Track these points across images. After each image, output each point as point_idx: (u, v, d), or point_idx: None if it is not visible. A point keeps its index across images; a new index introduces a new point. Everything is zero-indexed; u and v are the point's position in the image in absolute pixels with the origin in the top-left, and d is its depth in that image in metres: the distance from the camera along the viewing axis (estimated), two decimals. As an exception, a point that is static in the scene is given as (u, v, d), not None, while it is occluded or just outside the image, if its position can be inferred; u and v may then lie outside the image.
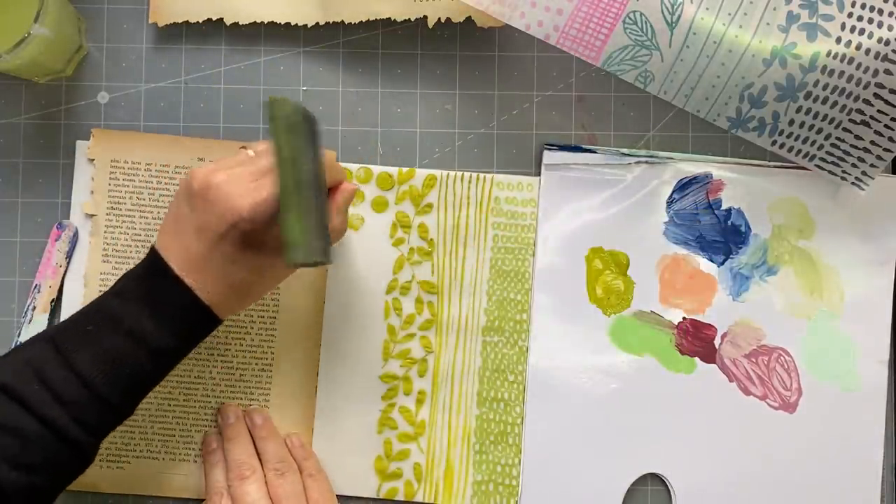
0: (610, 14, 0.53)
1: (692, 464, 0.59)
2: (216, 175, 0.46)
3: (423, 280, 0.59)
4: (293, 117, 0.45)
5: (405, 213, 0.59)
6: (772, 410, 0.59)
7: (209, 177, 0.46)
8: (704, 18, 0.54)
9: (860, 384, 0.59)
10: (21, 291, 0.59)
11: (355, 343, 0.59)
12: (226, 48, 0.60)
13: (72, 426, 0.45)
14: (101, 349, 0.46)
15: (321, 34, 0.60)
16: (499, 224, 0.59)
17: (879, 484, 0.59)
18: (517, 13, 0.53)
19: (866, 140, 0.57)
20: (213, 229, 0.46)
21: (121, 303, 0.47)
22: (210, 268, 0.46)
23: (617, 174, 0.60)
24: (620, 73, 0.55)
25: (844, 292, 0.60)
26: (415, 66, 0.60)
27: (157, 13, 0.58)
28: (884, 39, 0.54)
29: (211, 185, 0.46)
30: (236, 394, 0.58)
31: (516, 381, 0.59)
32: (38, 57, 0.53)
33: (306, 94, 0.60)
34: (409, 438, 0.59)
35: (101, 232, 0.58)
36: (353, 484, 0.58)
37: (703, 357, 0.59)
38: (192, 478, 0.58)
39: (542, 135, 0.60)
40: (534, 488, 0.58)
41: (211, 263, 0.46)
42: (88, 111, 0.59)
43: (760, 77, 0.55)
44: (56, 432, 0.44)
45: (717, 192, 0.60)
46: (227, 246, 0.46)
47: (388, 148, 0.60)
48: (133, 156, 0.59)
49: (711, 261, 0.60)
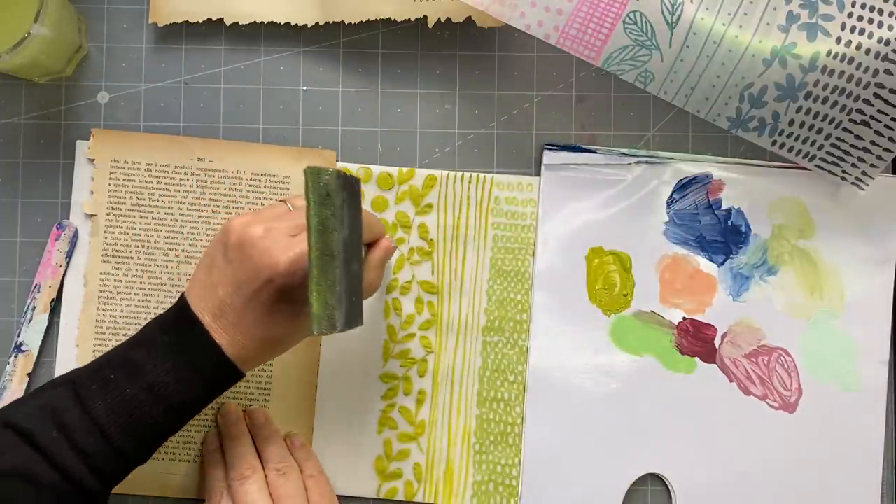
0: (610, 14, 0.53)
1: (692, 464, 0.59)
2: (254, 228, 0.46)
3: (423, 280, 0.59)
4: (328, 188, 0.44)
5: (405, 213, 0.59)
6: (772, 410, 0.59)
7: (246, 230, 0.46)
8: (704, 18, 0.54)
9: (860, 384, 0.59)
10: (21, 291, 0.59)
11: (355, 343, 0.59)
12: (226, 48, 0.60)
13: (87, 476, 0.44)
14: (120, 400, 0.45)
15: (321, 34, 0.60)
16: (499, 224, 0.59)
17: (879, 484, 0.59)
18: (517, 13, 0.53)
19: (866, 140, 0.57)
20: (249, 283, 0.45)
21: (145, 354, 0.46)
22: (243, 321, 0.46)
23: (617, 174, 0.60)
24: (620, 73, 0.55)
25: (844, 292, 0.60)
26: (415, 66, 0.60)
27: (157, 13, 0.58)
28: (884, 39, 0.54)
29: (248, 239, 0.46)
30: (236, 394, 0.58)
31: (516, 381, 0.59)
32: (38, 57, 0.53)
33: (306, 93, 0.60)
34: (409, 438, 0.59)
35: (101, 232, 0.58)
36: (353, 484, 0.58)
37: (703, 357, 0.59)
38: (192, 478, 0.58)
39: (542, 135, 0.60)
40: (534, 488, 0.58)
41: (244, 317, 0.46)
42: (88, 111, 0.59)
43: (760, 77, 0.55)
44: (71, 481, 0.44)
45: (717, 192, 0.60)
46: (262, 300, 0.46)
47: (388, 148, 0.60)
48: (133, 156, 0.59)
49: (711, 261, 0.60)
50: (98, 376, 0.46)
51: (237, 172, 0.59)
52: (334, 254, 0.44)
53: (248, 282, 0.45)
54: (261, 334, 0.47)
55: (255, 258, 0.45)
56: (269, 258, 0.45)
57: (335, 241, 0.44)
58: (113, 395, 0.45)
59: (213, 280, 0.47)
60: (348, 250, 0.45)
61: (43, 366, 0.58)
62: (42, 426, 0.44)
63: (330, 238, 0.44)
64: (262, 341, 0.47)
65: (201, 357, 0.46)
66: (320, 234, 0.43)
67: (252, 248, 0.45)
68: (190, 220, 0.58)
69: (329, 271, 0.43)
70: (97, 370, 0.47)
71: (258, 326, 0.46)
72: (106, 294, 0.58)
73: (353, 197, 0.47)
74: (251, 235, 0.46)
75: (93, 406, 0.45)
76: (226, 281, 0.46)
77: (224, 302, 0.46)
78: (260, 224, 0.46)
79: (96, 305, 0.58)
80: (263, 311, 0.46)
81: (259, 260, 0.45)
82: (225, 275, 0.46)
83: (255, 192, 0.59)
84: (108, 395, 0.45)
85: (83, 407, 0.45)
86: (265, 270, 0.45)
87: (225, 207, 0.58)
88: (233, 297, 0.46)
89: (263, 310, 0.46)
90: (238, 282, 0.46)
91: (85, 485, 0.44)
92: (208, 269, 0.47)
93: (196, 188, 0.58)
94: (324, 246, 0.43)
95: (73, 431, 0.44)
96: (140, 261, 0.58)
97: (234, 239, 0.46)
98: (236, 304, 0.46)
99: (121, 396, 0.45)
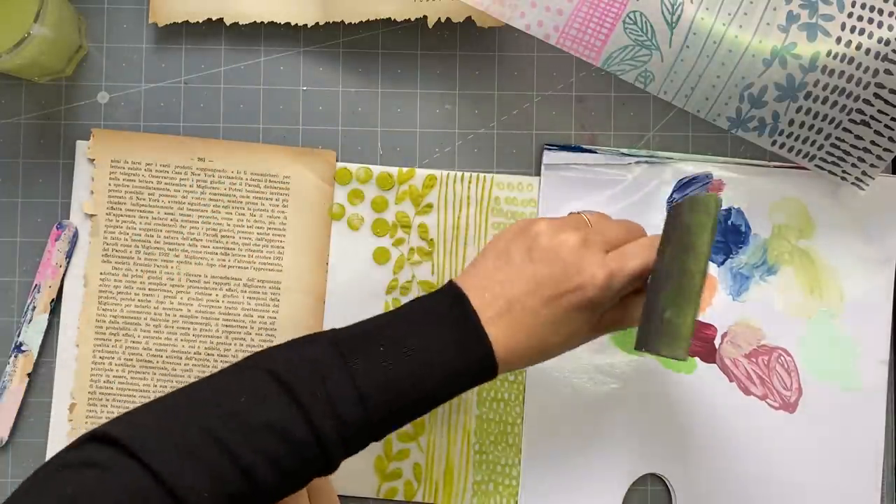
0: (610, 14, 0.53)
1: (692, 464, 0.59)
2: (570, 235, 0.46)
3: (423, 280, 0.59)
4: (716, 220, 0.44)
5: (405, 213, 0.59)
6: (772, 410, 0.59)
7: (561, 234, 0.46)
8: (704, 18, 0.54)
9: (860, 384, 0.59)
10: (21, 291, 0.59)
11: (355, 343, 0.59)
12: (226, 48, 0.60)
13: (338, 443, 0.43)
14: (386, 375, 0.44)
15: (321, 34, 0.60)
16: (499, 224, 0.59)
17: (879, 484, 0.59)
18: (517, 13, 0.53)
19: (866, 140, 0.57)
20: (555, 287, 0.45)
21: (416, 334, 0.45)
22: (529, 322, 0.46)
23: (617, 174, 0.60)
24: (620, 73, 0.55)
25: (844, 292, 0.60)
26: (415, 66, 0.60)
27: (157, 13, 0.58)
28: (884, 39, 0.54)
29: (564, 244, 0.46)
30: (236, 394, 0.58)
31: (516, 380, 0.59)
32: (38, 57, 0.53)
33: (306, 93, 0.60)
34: (409, 438, 0.59)
35: (101, 232, 0.58)
36: (353, 484, 0.58)
37: (703, 357, 0.59)
38: (192, 478, 0.58)
39: (542, 135, 0.60)
40: (534, 488, 0.58)
41: (534, 319, 0.46)
42: (88, 111, 0.59)
43: (760, 77, 0.55)
44: (322, 446, 0.43)
45: (717, 192, 0.60)
46: (561, 306, 0.46)
47: (388, 148, 0.60)
48: (133, 156, 0.59)
49: (711, 261, 0.60)
50: (367, 345, 0.45)
51: (237, 172, 0.59)
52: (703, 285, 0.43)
53: (552, 286, 0.45)
54: (540, 339, 0.46)
55: (570, 265, 0.45)
56: (587, 267, 0.45)
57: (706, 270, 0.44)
58: (381, 369, 0.44)
59: (506, 276, 0.46)
60: None
61: (43, 366, 0.58)
62: (307, 385, 0.43)
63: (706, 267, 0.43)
64: (537, 346, 0.46)
65: (473, 350, 0.45)
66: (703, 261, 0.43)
67: (567, 255, 0.46)
68: (190, 220, 0.58)
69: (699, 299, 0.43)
70: (362, 337, 0.45)
71: (543, 330, 0.46)
72: (106, 294, 0.58)
73: None
74: (568, 241, 0.46)
75: (361, 375, 0.43)
76: (524, 279, 0.46)
77: (516, 299, 0.46)
78: (574, 232, 0.47)
79: (96, 305, 0.58)
80: (556, 317, 0.46)
81: (573, 268, 0.45)
82: (523, 273, 0.46)
83: (255, 192, 0.59)
84: (376, 368, 0.44)
85: (349, 373, 0.43)
86: (579, 278, 0.45)
87: (225, 207, 0.58)
88: (529, 296, 0.46)
89: (557, 316, 0.46)
90: (539, 283, 0.46)
91: (332, 452, 0.43)
92: (500, 264, 0.47)
93: (196, 188, 0.58)
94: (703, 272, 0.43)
95: (336, 397, 0.43)
96: (140, 261, 0.58)
97: (546, 242, 0.46)
98: (529, 304, 0.45)
99: (388, 372, 0.44)
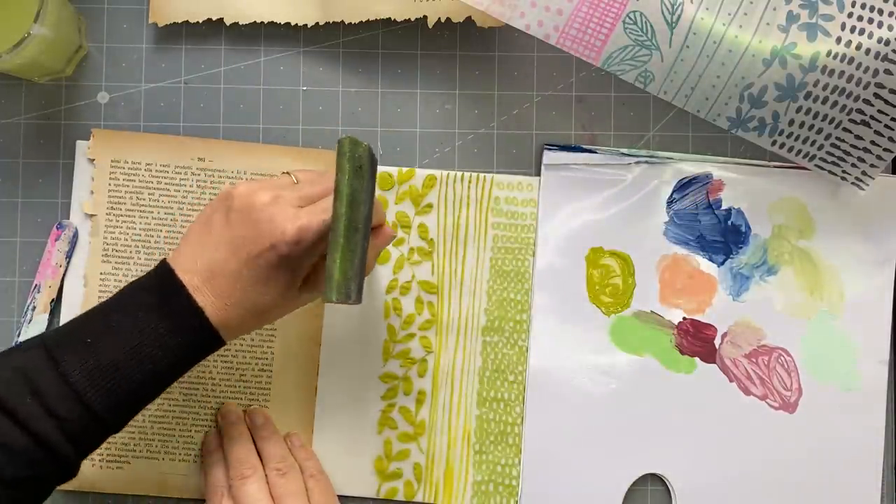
0: (610, 14, 0.53)
1: (692, 464, 0.59)
2: (261, 194, 0.46)
3: (422, 280, 0.59)
4: (361, 161, 0.45)
5: (405, 213, 0.59)
6: (772, 410, 0.59)
7: (254, 195, 0.46)
8: (704, 18, 0.54)
9: (860, 384, 0.59)
10: (21, 291, 0.59)
11: (355, 343, 0.59)
12: (226, 48, 0.60)
13: (63, 443, 0.43)
14: (98, 364, 0.44)
15: (321, 34, 0.60)
16: (499, 224, 0.59)
17: (879, 484, 0.59)
18: (517, 13, 0.53)
19: (866, 140, 0.57)
20: (249, 248, 0.45)
21: (125, 318, 0.45)
22: (234, 286, 0.46)
23: (617, 174, 0.60)
24: (620, 73, 0.55)
25: (844, 292, 0.60)
26: (415, 66, 0.60)
27: (157, 13, 0.58)
28: (884, 39, 0.54)
29: (256, 204, 0.46)
30: (236, 394, 0.58)
31: (516, 381, 0.59)
32: (38, 57, 0.53)
33: (306, 93, 0.60)
34: (409, 438, 0.59)
35: (101, 232, 0.58)
36: (353, 484, 0.58)
37: (703, 357, 0.59)
38: (192, 478, 0.58)
39: (542, 135, 0.60)
40: (534, 488, 0.58)
41: (237, 282, 0.46)
42: (88, 111, 0.59)
43: (760, 77, 0.55)
44: (46, 448, 0.43)
45: (717, 192, 0.60)
46: (260, 265, 0.45)
47: (388, 148, 0.60)
48: (133, 156, 0.59)
49: (711, 261, 0.60)
50: (73, 339, 0.45)
51: (237, 172, 0.59)
52: (358, 227, 0.44)
53: (248, 246, 0.45)
54: (250, 301, 0.46)
55: (262, 223, 0.45)
56: (277, 224, 0.45)
57: (361, 215, 0.44)
58: (90, 359, 0.44)
59: (208, 242, 0.46)
60: (367, 227, 0.46)
61: (43, 366, 0.58)
62: (14, 391, 0.43)
63: (358, 210, 0.44)
64: (250, 309, 0.47)
65: (185, 321, 0.45)
66: (350, 204, 0.44)
67: (259, 213, 0.45)
68: (190, 220, 0.58)
69: (353, 242, 0.44)
70: (71, 332, 0.45)
71: (249, 292, 0.46)
72: (106, 294, 0.58)
73: (374, 176, 0.47)
74: (258, 201, 0.46)
75: (69, 370, 0.43)
76: (223, 244, 0.46)
77: (217, 264, 0.46)
78: (267, 191, 0.46)
79: (96, 305, 0.58)
80: (258, 278, 0.46)
81: (265, 226, 0.45)
82: (222, 238, 0.46)
83: (255, 192, 0.59)
84: (86, 359, 0.44)
85: (58, 371, 0.43)
86: (270, 235, 0.45)
87: (225, 207, 0.58)
88: (229, 260, 0.46)
89: (258, 276, 0.46)
90: (236, 246, 0.46)
91: (60, 452, 0.43)
92: (202, 232, 0.47)
93: (196, 188, 0.58)
94: (352, 217, 0.44)
95: (47, 397, 0.43)
96: (140, 261, 0.58)
97: (239, 203, 0.46)
98: (230, 268, 0.46)
99: (98, 360, 0.44)
